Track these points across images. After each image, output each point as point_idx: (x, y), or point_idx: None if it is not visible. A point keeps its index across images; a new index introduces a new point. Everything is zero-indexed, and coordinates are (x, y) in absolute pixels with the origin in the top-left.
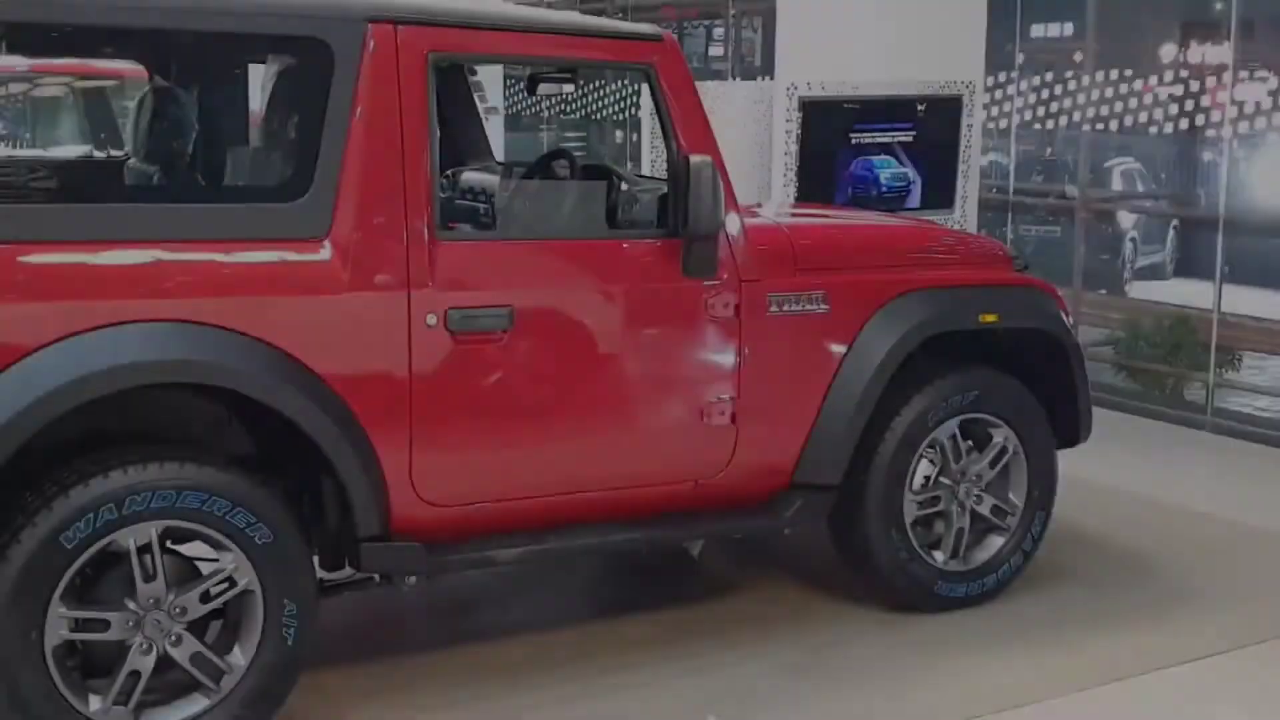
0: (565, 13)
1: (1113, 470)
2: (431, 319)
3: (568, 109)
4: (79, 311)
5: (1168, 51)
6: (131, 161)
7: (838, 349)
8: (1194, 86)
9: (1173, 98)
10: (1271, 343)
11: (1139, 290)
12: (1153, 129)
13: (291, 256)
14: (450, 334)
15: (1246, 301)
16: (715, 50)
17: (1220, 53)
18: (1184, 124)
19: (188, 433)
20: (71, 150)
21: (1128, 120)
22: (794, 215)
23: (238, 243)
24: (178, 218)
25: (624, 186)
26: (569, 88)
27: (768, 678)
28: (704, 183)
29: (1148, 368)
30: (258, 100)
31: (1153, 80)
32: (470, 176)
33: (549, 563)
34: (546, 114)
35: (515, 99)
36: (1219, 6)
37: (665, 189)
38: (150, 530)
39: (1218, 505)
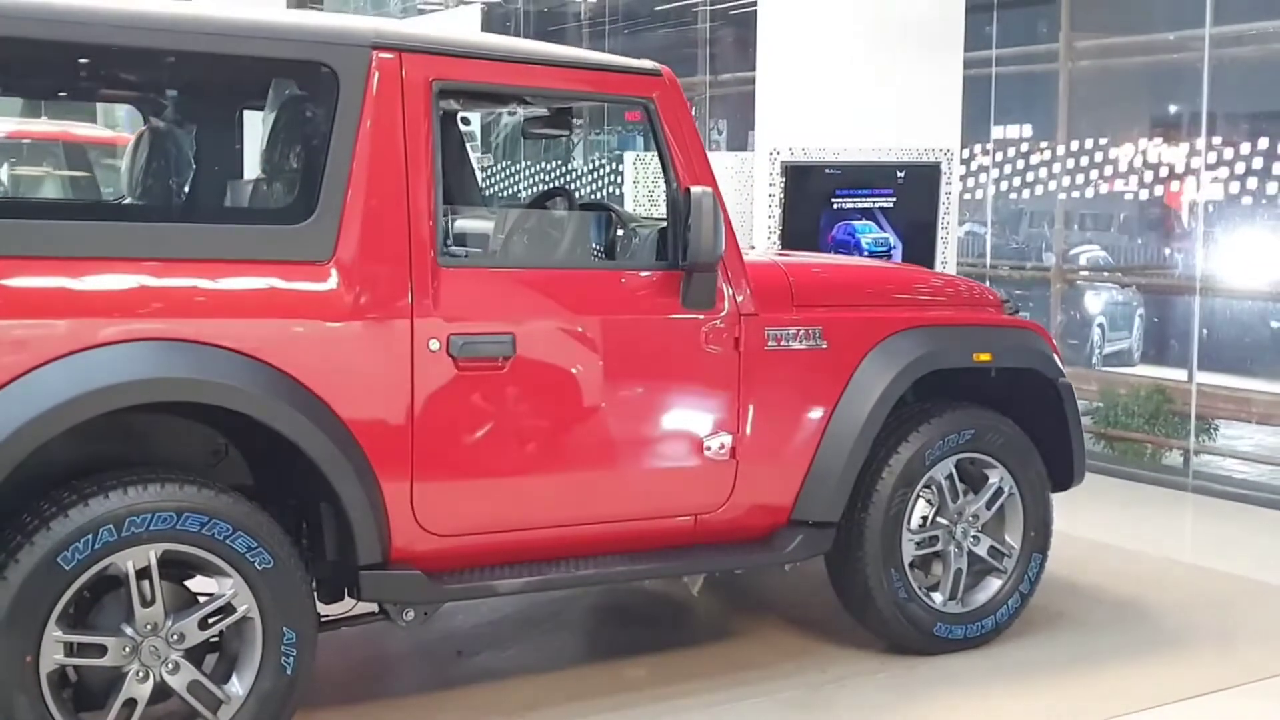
0: (567, 47)
1: (1100, 526)
2: (434, 344)
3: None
4: (80, 329)
5: (1142, 137)
6: (135, 181)
7: (835, 385)
8: (1166, 159)
9: (1147, 170)
10: (1246, 411)
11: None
12: (1128, 197)
13: (295, 279)
14: (452, 360)
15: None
16: None
17: (1193, 131)
18: (1159, 191)
19: (185, 462)
20: None
21: (1102, 188)
22: (787, 255)
23: (242, 264)
24: (181, 237)
25: (622, 221)
26: (563, 133)
27: (769, 714)
28: (705, 212)
29: (1127, 436)
30: (262, 124)
31: (1128, 159)
32: (468, 212)
33: (551, 592)
34: (524, 195)
35: (490, 179)
36: (1174, 109)
37: (663, 224)
38: (149, 553)
39: (1204, 557)
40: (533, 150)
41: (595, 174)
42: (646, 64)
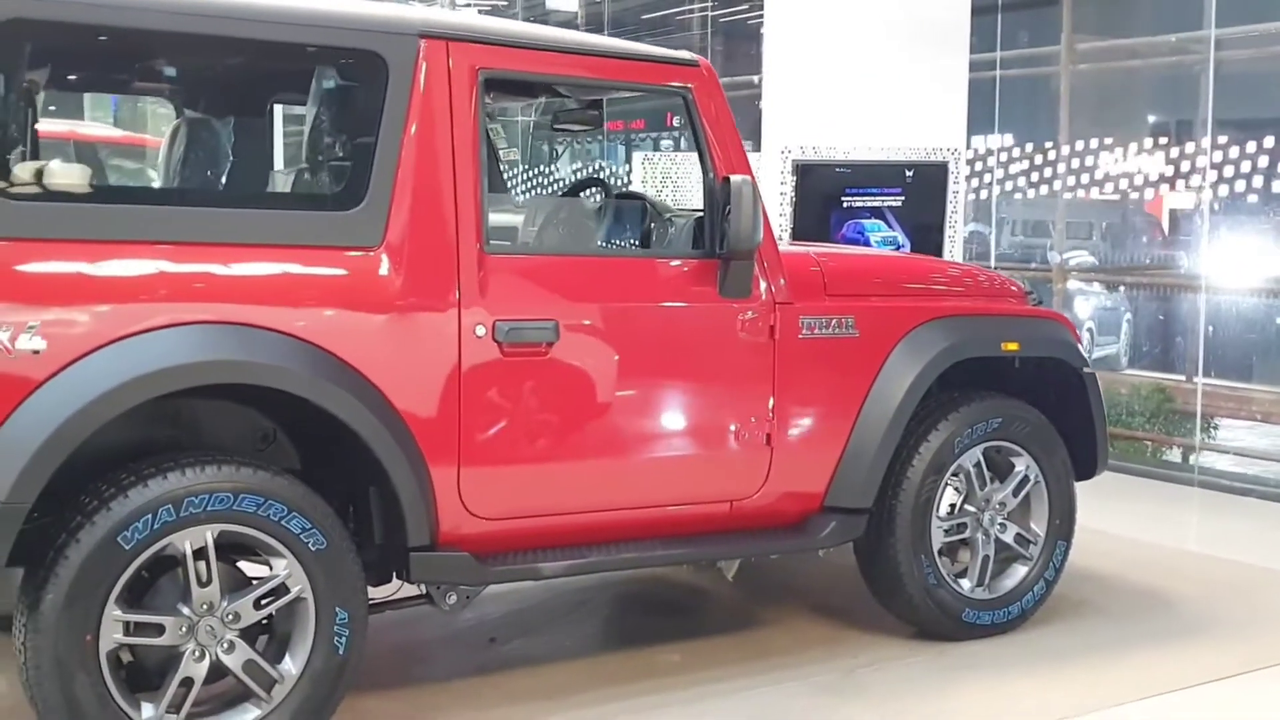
0: (606, 37)
1: (1113, 519)
2: (480, 330)
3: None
4: (133, 313)
5: (1145, 138)
6: (182, 168)
7: (867, 373)
8: (1168, 160)
9: (1151, 171)
10: (1247, 410)
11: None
12: (1134, 197)
13: (346, 264)
14: (498, 345)
15: None
16: None
17: (1197, 133)
18: (1161, 192)
19: (234, 446)
20: None
21: (1106, 189)
22: (817, 246)
23: (293, 249)
24: (234, 222)
25: (657, 211)
26: (592, 127)
27: (803, 697)
28: (744, 200)
29: (1131, 435)
30: (308, 110)
31: (1130, 161)
32: (509, 200)
33: (577, 582)
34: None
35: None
36: (1176, 112)
37: (696, 214)
38: (206, 534)
39: (1216, 548)
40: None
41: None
42: (684, 54)
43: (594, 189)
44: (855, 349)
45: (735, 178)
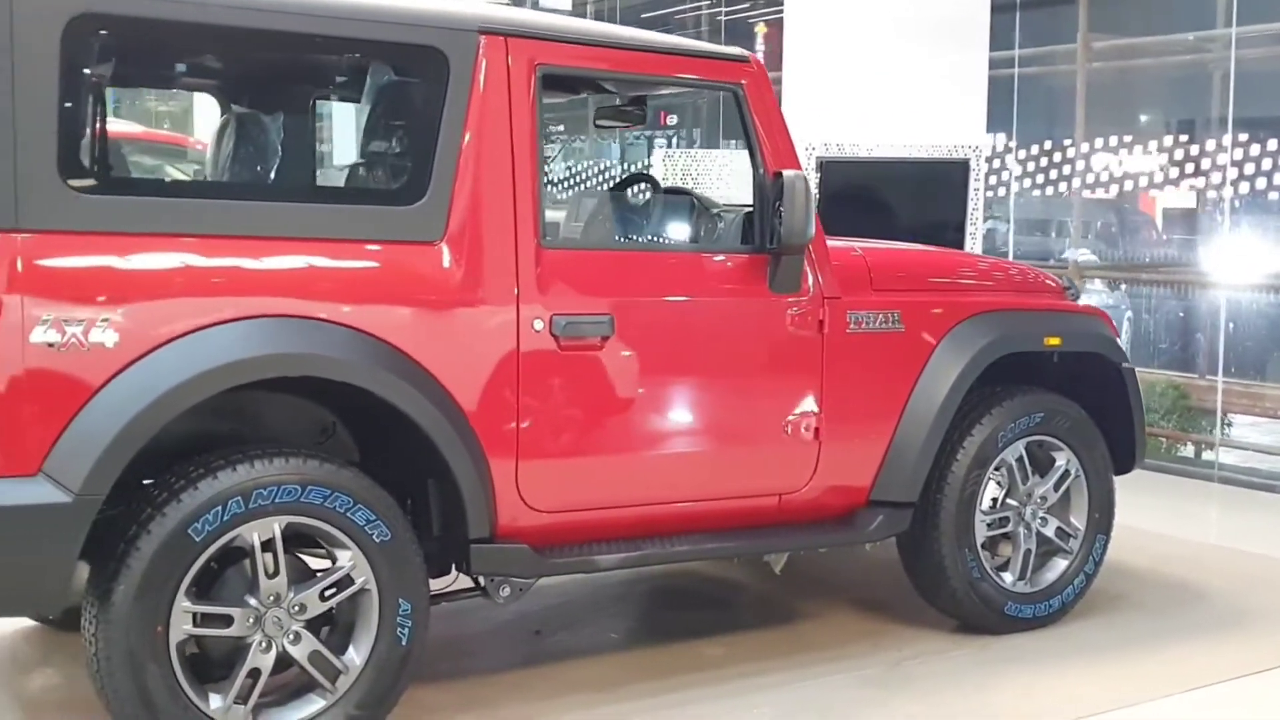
0: (659, 34)
1: (1141, 515)
2: (538, 324)
3: None
4: (206, 307)
5: (1165, 136)
6: (242, 162)
7: (913, 367)
8: (1188, 158)
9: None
10: (1261, 406)
11: None
12: (1152, 194)
13: (408, 258)
14: (555, 339)
15: None
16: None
17: (1214, 137)
18: (1181, 189)
19: (295, 439)
20: None
21: (1126, 186)
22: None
23: (356, 244)
24: (298, 216)
25: (704, 206)
26: (634, 123)
27: (847, 689)
28: (797, 195)
29: (1149, 431)
30: (365, 104)
31: (1148, 159)
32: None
33: (611, 578)
34: None
35: None
36: (1193, 110)
37: (745, 210)
38: (274, 525)
39: (1246, 542)
40: None
41: (581, 177)
42: (735, 50)
43: (642, 184)
44: (901, 343)
45: (788, 173)
